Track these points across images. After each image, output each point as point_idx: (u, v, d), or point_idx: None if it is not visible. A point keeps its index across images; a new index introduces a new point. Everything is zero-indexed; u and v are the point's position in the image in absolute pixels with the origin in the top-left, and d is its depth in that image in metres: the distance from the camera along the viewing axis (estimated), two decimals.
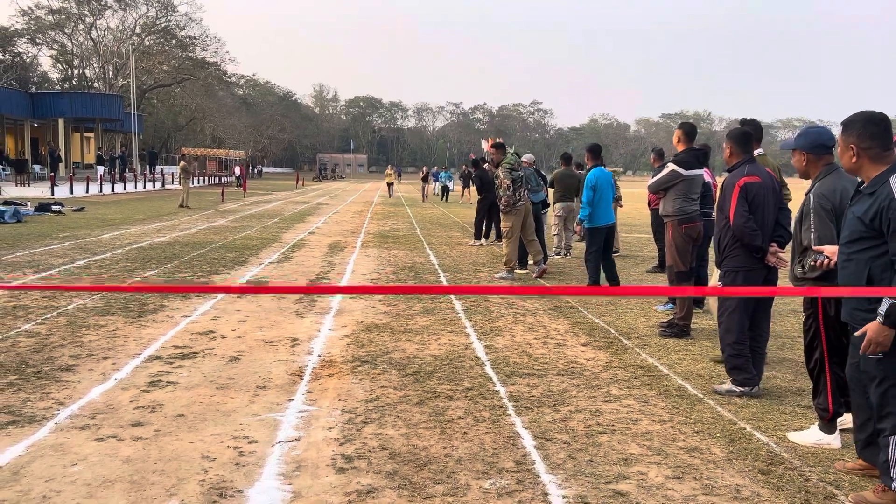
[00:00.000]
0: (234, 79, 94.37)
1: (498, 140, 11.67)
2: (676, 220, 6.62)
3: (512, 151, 11.39)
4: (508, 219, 10.44)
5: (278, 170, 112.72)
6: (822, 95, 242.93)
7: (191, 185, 29.12)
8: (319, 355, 6.11)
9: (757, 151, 5.73)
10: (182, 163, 27.79)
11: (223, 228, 17.88)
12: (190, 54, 73.05)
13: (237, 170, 53.94)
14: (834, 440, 4.22)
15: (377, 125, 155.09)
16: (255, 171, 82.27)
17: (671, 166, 6.56)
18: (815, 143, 4.27)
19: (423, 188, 38.45)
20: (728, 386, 5.21)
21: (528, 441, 4.22)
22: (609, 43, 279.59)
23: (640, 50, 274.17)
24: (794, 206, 5.03)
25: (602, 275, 9.45)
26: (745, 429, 4.49)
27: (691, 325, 7.03)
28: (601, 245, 9.25)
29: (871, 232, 3.38)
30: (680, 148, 6.69)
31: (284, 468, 3.82)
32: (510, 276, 10.51)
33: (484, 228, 15.71)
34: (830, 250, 3.94)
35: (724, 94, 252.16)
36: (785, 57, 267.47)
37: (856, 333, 3.47)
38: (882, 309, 3.23)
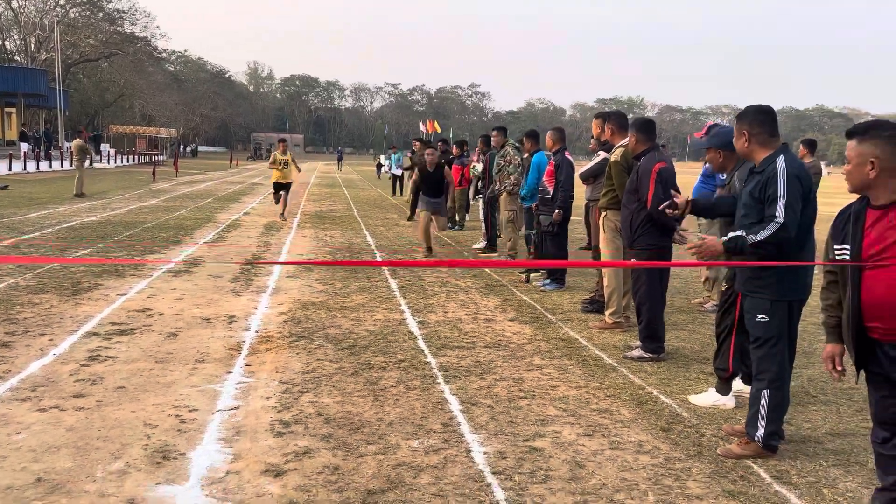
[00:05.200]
0: (164, 55, 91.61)
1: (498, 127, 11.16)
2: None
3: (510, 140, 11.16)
4: (514, 202, 10.16)
5: (211, 149, 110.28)
6: (747, 85, 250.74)
7: (89, 166, 23.98)
8: (257, 331, 6.31)
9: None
10: (77, 141, 22.28)
11: (156, 208, 17.66)
12: (118, 28, 70.52)
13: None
14: (729, 400, 4.69)
15: (314, 105, 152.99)
16: (189, 150, 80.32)
17: (603, 155, 6.97)
18: (726, 142, 4.73)
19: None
20: (639, 352, 5.67)
21: (455, 406, 4.56)
22: (546, 27, 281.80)
23: (577, 35, 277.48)
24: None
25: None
26: (651, 393, 4.93)
27: None
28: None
29: (760, 205, 3.81)
30: (604, 137, 7.09)
31: (224, 433, 4.05)
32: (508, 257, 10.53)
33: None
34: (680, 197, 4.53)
35: (656, 80, 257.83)
36: (714, 46, 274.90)
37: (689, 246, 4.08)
38: (729, 236, 3.82)
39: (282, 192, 16.39)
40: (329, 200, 22.69)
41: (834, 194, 16.81)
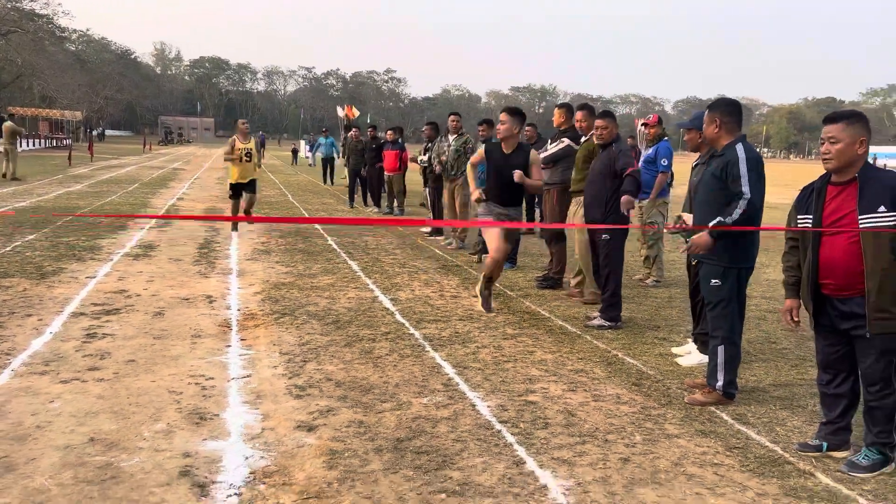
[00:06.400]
0: (66, 33, 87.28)
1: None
2: (561, 188, 7.64)
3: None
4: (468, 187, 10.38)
5: (118, 132, 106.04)
6: (653, 74, 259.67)
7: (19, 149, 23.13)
8: (239, 309, 6.60)
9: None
10: (9, 123, 22.42)
11: (84, 194, 17.27)
12: (17, 4, 66.84)
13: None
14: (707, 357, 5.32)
15: (224, 87, 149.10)
16: (95, 133, 77.04)
17: (566, 141, 7.55)
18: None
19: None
20: (599, 321, 6.30)
21: (449, 369, 5.04)
22: (462, 13, 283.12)
23: (491, 23, 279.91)
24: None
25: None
26: (617, 355, 5.54)
27: (563, 280, 8.11)
28: None
29: (720, 184, 4.44)
30: (564, 125, 7.68)
31: (247, 398, 4.40)
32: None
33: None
34: (687, 216, 5.02)
35: (568, 69, 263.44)
36: (625, 37, 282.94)
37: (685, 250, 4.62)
38: (711, 226, 4.39)
39: (244, 195, 11.43)
40: (260, 185, 22.56)
41: None
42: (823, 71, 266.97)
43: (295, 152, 45.57)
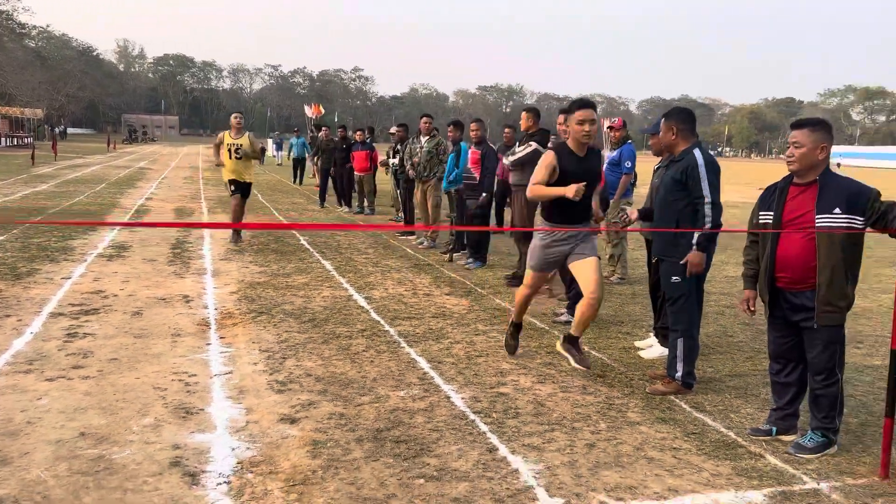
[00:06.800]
0: (26, 30, 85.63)
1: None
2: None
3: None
4: (439, 188, 10.46)
5: (80, 131, 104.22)
6: (619, 75, 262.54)
7: None
8: (216, 308, 6.74)
9: None
10: None
11: (52, 194, 17.13)
12: None
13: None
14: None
15: (189, 85, 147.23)
16: (57, 131, 75.70)
17: (534, 145, 7.79)
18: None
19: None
20: (566, 317, 6.57)
21: (424, 364, 5.26)
22: (429, 12, 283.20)
23: (459, 22, 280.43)
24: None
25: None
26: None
27: None
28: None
29: (680, 186, 4.72)
30: (532, 129, 7.93)
31: (230, 393, 4.57)
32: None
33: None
34: (631, 210, 5.34)
35: (534, 69, 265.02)
36: (590, 38, 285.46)
37: (680, 262, 4.76)
38: (694, 240, 4.60)
39: (238, 197, 10.56)
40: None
41: None
42: (783, 72, 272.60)
43: (263, 151, 45.17)
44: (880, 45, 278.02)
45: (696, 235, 4.63)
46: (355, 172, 15.65)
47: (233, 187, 10.58)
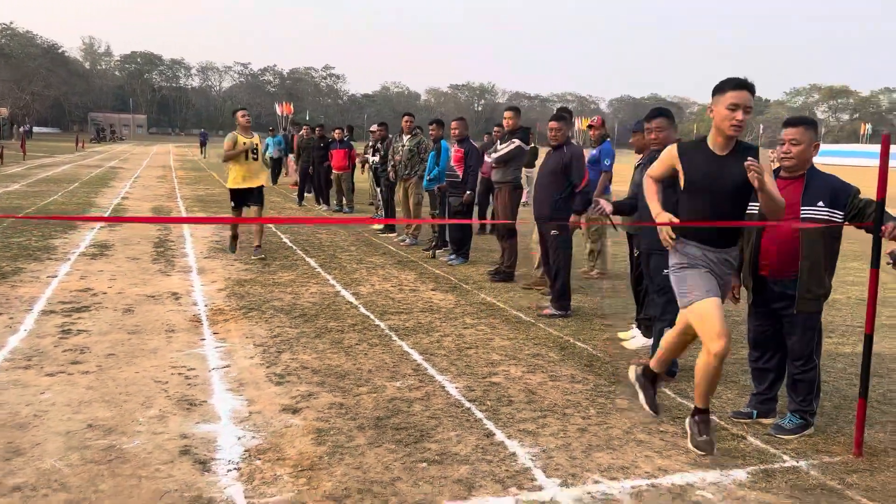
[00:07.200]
0: None
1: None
2: (511, 186, 8.09)
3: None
4: (420, 186, 10.62)
5: (45, 130, 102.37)
6: (589, 75, 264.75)
7: None
8: (207, 305, 6.82)
9: None
10: None
11: (25, 194, 16.96)
12: None
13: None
14: (651, 340, 5.82)
15: (157, 83, 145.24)
16: (23, 130, 74.39)
17: (517, 142, 7.98)
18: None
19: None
20: (550, 311, 6.77)
21: (416, 356, 5.41)
22: (400, 10, 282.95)
23: (430, 21, 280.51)
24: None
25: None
26: (569, 341, 6.01)
27: (515, 272, 8.56)
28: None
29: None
30: (514, 127, 8.12)
31: (230, 385, 4.68)
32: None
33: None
34: (605, 202, 5.53)
35: (505, 68, 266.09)
36: (561, 36, 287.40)
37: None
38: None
39: (250, 207, 9.38)
40: (203, 184, 22.48)
41: None
42: (749, 70, 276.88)
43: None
44: (844, 45, 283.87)
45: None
46: (333, 171, 15.72)
47: (239, 203, 9.31)
